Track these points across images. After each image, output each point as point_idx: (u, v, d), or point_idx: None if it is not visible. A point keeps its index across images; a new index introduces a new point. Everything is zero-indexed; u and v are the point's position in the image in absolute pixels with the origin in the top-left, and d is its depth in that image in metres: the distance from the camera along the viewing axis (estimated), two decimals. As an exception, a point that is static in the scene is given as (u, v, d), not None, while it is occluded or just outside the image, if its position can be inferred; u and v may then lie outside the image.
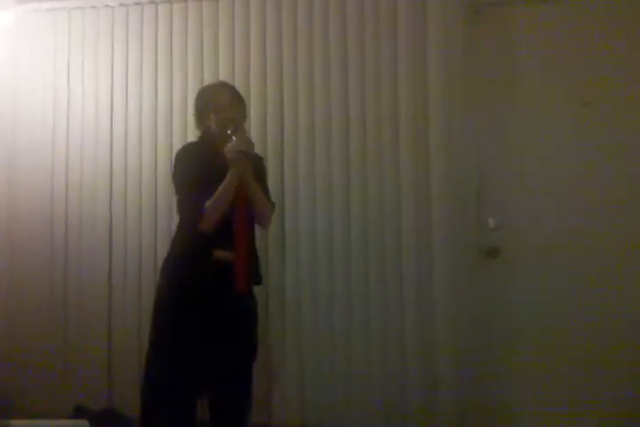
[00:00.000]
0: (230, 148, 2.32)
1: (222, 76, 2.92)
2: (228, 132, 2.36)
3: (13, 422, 1.84)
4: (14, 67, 3.29)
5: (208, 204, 2.32)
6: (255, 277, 2.53)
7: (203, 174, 2.38)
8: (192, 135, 2.84)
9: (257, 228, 2.59)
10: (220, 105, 2.48)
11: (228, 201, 2.34)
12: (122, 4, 3.13)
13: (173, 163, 2.54)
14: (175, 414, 2.33)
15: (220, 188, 2.33)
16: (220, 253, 2.37)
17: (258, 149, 2.85)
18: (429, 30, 2.79)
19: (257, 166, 2.55)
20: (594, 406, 2.71)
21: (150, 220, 3.05)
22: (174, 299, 2.40)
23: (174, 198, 2.56)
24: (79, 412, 2.60)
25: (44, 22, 3.24)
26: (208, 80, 2.91)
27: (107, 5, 3.15)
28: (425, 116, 2.78)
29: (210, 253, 2.37)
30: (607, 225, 2.77)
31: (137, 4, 3.12)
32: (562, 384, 2.76)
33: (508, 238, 2.85)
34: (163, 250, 2.68)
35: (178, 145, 2.78)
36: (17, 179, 3.24)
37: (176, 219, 2.58)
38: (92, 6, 3.17)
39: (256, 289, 2.55)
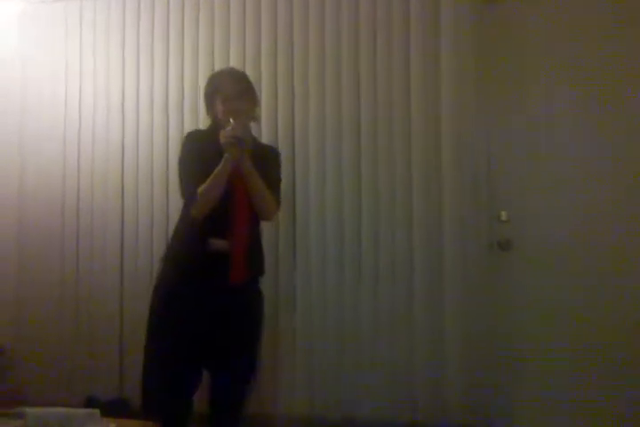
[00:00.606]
0: (225, 133, 2.27)
1: (232, 63, 2.93)
2: (230, 120, 2.30)
3: (27, 409, 1.83)
4: (24, 57, 3.28)
5: (200, 190, 2.28)
6: (257, 267, 2.49)
7: (203, 162, 2.33)
8: (203, 123, 2.82)
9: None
10: (227, 94, 2.42)
11: (218, 188, 2.29)
12: (133, -7, 3.13)
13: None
14: (170, 399, 2.32)
15: (212, 174, 2.28)
16: (217, 242, 2.33)
17: (269, 141, 2.87)
18: (442, 22, 2.76)
19: (266, 158, 2.51)
20: (603, 406, 2.67)
21: (162, 208, 3.04)
22: (169, 286, 2.39)
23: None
24: (91, 403, 2.61)
25: (54, 12, 3.24)
26: (219, 68, 2.87)
27: (118, -6, 3.14)
28: (436, 109, 2.76)
29: (205, 241, 2.33)
30: (622, 218, 2.74)
31: (148, -9, 3.10)
32: (573, 380, 2.72)
33: (520, 231, 2.83)
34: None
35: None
36: (28, 166, 3.25)
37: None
38: (104, -5, 3.16)
39: (262, 281, 2.52)
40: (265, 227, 2.80)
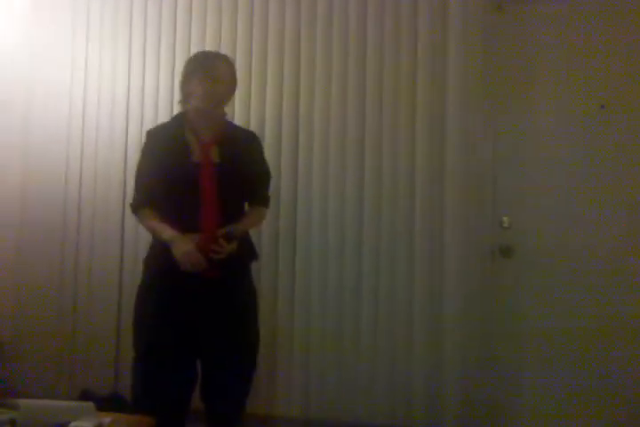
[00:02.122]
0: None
1: (239, 53, 2.97)
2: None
3: (21, 401, 1.82)
4: (31, 51, 3.26)
5: (147, 225, 2.38)
6: (235, 260, 2.35)
7: (161, 162, 2.32)
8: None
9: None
10: (206, 76, 2.32)
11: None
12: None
13: None
14: (160, 395, 2.30)
15: (158, 228, 2.31)
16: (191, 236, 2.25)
17: (271, 139, 2.88)
18: (450, 27, 2.76)
19: (249, 147, 2.45)
20: (601, 410, 2.69)
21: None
22: (150, 283, 2.38)
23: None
24: (85, 397, 2.59)
25: (61, 5, 3.23)
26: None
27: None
28: (442, 114, 2.76)
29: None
30: (624, 226, 2.73)
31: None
32: (571, 387, 2.73)
33: (522, 238, 2.83)
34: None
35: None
36: (32, 167, 3.23)
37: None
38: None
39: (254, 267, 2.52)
40: (265, 225, 2.81)
